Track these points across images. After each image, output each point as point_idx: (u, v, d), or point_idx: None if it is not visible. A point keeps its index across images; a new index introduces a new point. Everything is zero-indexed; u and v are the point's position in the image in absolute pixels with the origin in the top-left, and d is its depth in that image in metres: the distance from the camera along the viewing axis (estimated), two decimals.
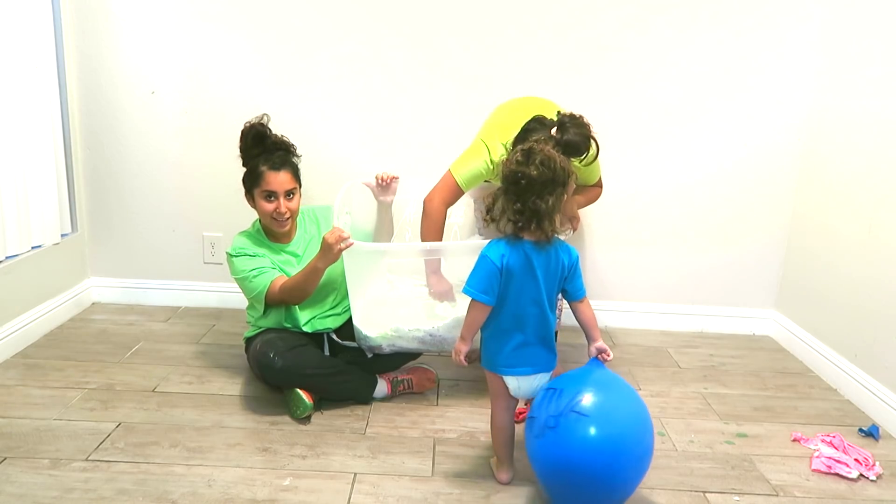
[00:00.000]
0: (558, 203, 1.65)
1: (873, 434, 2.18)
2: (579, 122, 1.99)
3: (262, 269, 2.19)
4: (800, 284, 2.87)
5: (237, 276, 2.22)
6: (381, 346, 2.21)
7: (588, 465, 1.55)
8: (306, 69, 2.83)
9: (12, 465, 1.82)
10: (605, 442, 1.55)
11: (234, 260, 2.23)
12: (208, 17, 2.79)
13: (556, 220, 1.66)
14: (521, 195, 1.64)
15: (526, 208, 1.63)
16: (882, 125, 2.37)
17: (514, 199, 1.65)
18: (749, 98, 2.84)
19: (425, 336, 2.19)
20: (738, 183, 2.92)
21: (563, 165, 1.65)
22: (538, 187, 1.62)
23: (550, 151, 1.65)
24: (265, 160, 2.21)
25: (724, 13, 2.75)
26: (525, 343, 1.76)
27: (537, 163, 1.62)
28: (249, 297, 2.23)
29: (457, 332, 2.22)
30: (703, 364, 2.71)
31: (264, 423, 2.10)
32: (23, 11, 2.49)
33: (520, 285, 1.70)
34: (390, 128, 2.88)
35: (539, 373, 1.79)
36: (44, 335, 2.67)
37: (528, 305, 1.72)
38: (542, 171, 1.61)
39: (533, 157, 1.63)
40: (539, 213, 1.63)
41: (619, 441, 1.57)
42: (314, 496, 1.76)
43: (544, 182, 1.62)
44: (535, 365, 1.78)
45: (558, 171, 1.63)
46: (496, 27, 2.77)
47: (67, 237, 2.86)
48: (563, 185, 1.65)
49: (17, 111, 2.48)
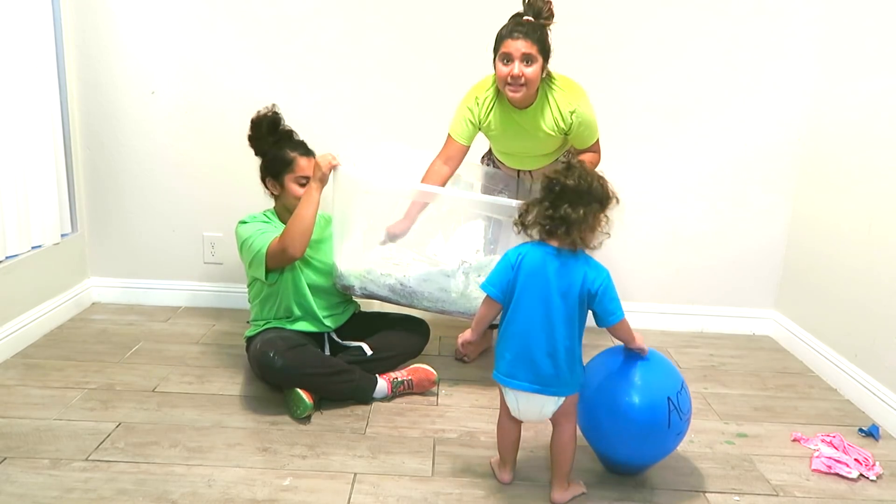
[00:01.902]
0: (591, 218, 1.64)
1: (873, 434, 2.18)
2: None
3: (265, 230, 2.22)
4: (800, 284, 2.87)
5: (241, 238, 2.23)
6: (353, 287, 2.27)
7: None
8: (306, 69, 2.83)
9: (12, 465, 1.82)
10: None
11: (243, 225, 2.25)
12: (208, 17, 2.79)
13: (586, 233, 1.65)
14: (554, 202, 1.64)
15: (557, 215, 1.63)
16: (882, 125, 2.37)
17: (546, 206, 1.65)
18: (749, 98, 2.84)
19: (395, 284, 2.24)
20: (738, 182, 2.92)
21: (602, 184, 1.66)
22: (572, 196, 1.62)
23: (592, 170, 1.68)
24: (293, 147, 2.25)
25: (723, 13, 2.76)
26: (527, 354, 1.68)
27: (576, 175, 1.64)
28: (251, 258, 2.20)
29: (427, 286, 2.26)
30: (703, 364, 2.71)
31: (264, 423, 2.10)
32: (23, 11, 2.49)
33: (529, 287, 1.68)
34: (391, 128, 2.88)
35: (541, 394, 1.69)
36: (44, 335, 2.67)
37: (535, 312, 1.67)
38: (578, 182, 1.63)
39: (573, 170, 1.65)
40: (568, 221, 1.62)
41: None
42: (314, 496, 1.76)
43: (579, 193, 1.63)
44: (536, 383, 1.68)
45: (595, 187, 1.64)
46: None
47: (67, 237, 2.86)
48: (600, 203, 1.65)
49: (17, 111, 2.48)
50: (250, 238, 2.20)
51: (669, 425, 1.75)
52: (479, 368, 2.57)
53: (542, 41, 2.14)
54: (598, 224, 1.66)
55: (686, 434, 1.84)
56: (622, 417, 1.74)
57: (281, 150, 2.25)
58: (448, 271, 2.25)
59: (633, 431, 1.75)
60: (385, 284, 2.25)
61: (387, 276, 2.25)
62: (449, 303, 2.28)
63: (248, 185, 2.43)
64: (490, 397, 2.33)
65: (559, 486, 1.77)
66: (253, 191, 2.36)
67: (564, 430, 1.75)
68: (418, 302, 2.29)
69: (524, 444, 1.96)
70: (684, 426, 1.81)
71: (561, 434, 1.75)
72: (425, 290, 2.26)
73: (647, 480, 1.89)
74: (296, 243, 2.14)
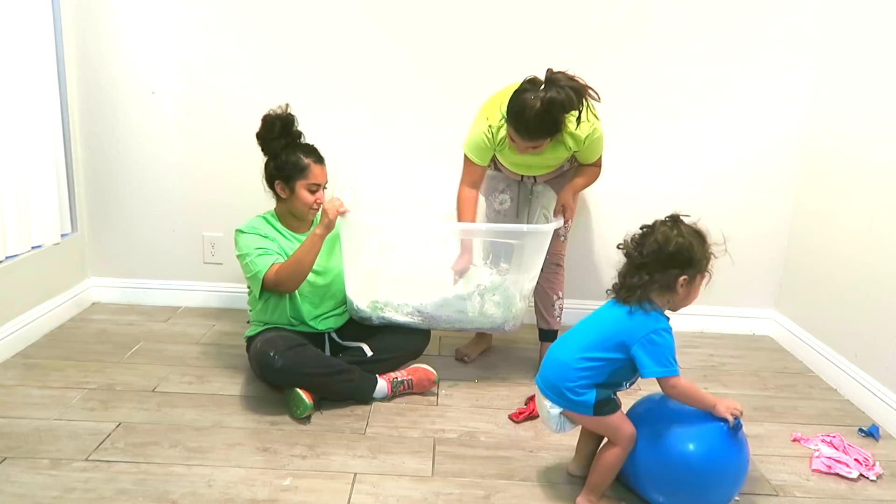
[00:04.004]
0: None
1: (873, 434, 2.18)
2: (569, 77, 2.04)
3: (266, 249, 2.20)
4: (800, 284, 2.87)
5: (241, 251, 2.23)
6: (370, 318, 2.29)
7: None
8: (306, 69, 2.83)
9: (12, 465, 1.82)
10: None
11: (242, 236, 2.24)
12: (208, 18, 2.79)
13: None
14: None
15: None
16: (882, 126, 2.37)
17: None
18: (749, 98, 2.84)
19: (414, 312, 2.27)
20: (738, 183, 2.92)
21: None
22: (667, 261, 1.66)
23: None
24: (306, 152, 2.24)
25: (723, 12, 2.76)
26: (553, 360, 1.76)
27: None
28: (248, 276, 2.23)
29: (445, 310, 2.30)
30: (703, 364, 2.71)
31: (264, 423, 2.10)
32: (23, 11, 2.49)
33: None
34: (391, 128, 2.88)
35: (549, 400, 1.75)
36: (44, 335, 2.67)
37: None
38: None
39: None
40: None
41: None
42: (314, 496, 1.76)
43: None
44: (544, 389, 1.76)
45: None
46: (496, 24, 2.78)
47: (67, 237, 2.86)
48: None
49: (17, 111, 2.48)
50: (249, 256, 2.19)
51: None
52: (479, 368, 2.57)
53: (553, 132, 2.10)
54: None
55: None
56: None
57: (294, 155, 2.23)
58: (463, 294, 2.31)
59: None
60: (404, 312, 2.30)
61: (404, 306, 2.30)
62: (467, 322, 2.35)
63: (248, 185, 2.43)
64: (490, 397, 2.33)
65: (585, 494, 1.76)
66: (253, 191, 2.36)
67: (607, 449, 1.75)
68: (437, 325, 2.35)
69: (524, 443, 1.96)
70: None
71: (604, 450, 1.76)
72: (443, 315, 2.32)
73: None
74: (291, 284, 2.19)
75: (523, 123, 2.05)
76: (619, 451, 1.71)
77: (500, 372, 2.53)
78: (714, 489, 1.70)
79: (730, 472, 1.70)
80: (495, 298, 2.31)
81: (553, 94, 2.00)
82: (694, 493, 1.69)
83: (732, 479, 1.71)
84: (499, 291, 2.31)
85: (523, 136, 2.08)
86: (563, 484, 1.85)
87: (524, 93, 2.05)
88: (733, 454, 1.69)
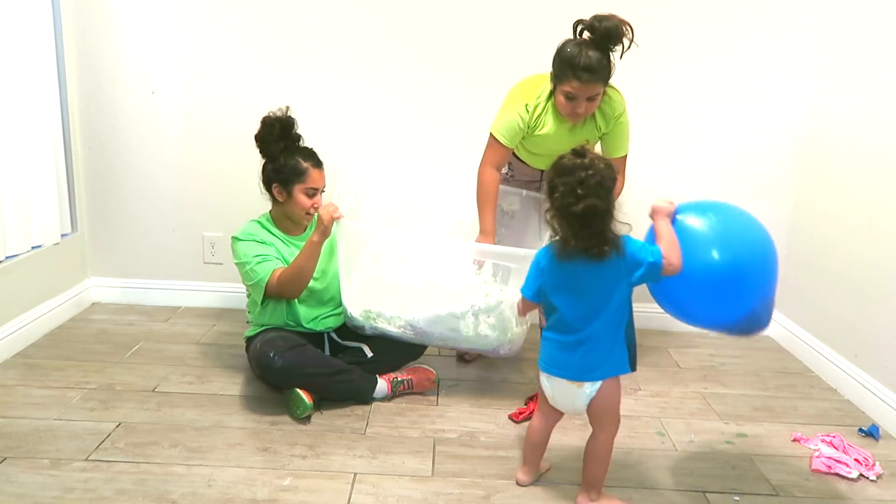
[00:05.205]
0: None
1: (873, 434, 2.18)
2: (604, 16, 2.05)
3: (265, 256, 2.20)
4: (800, 284, 2.87)
5: (239, 260, 2.22)
6: (364, 328, 2.25)
7: None
8: (307, 69, 2.83)
9: (12, 465, 1.82)
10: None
11: (239, 243, 2.23)
12: (208, 18, 2.79)
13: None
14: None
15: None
16: (882, 126, 2.37)
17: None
18: (749, 98, 2.84)
19: (406, 325, 2.22)
20: (737, 182, 2.91)
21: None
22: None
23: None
24: (304, 156, 2.23)
25: (723, 12, 2.76)
26: (559, 341, 1.74)
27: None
28: (249, 285, 2.22)
29: (438, 327, 2.22)
30: (703, 364, 2.71)
31: (264, 423, 2.10)
32: (23, 11, 2.49)
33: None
34: (391, 129, 2.88)
35: (576, 380, 1.69)
36: (44, 335, 2.67)
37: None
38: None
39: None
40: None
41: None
42: (314, 496, 1.76)
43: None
44: (565, 369, 1.72)
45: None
46: (504, 24, 2.78)
47: (67, 237, 2.86)
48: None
49: (17, 111, 2.48)
50: (249, 264, 2.19)
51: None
52: (479, 368, 2.57)
53: (608, 75, 2.10)
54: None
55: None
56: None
57: (293, 159, 2.22)
58: (458, 313, 2.22)
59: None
60: (396, 325, 2.23)
61: (396, 318, 2.22)
62: (461, 341, 2.25)
63: (248, 186, 2.43)
64: (490, 397, 2.33)
65: (585, 493, 1.75)
66: (253, 191, 2.35)
67: (595, 439, 1.74)
68: (429, 341, 2.28)
69: (521, 443, 1.96)
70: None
71: (592, 442, 1.75)
72: (435, 331, 2.23)
73: (647, 480, 1.89)
74: (293, 290, 2.20)
75: (583, 59, 2.03)
76: (608, 438, 1.72)
77: (500, 372, 2.54)
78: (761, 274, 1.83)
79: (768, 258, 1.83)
80: (490, 321, 2.22)
81: (606, 24, 2.03)
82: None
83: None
84: (493, 314, 2.21)
85: (581, 78, 2.04)
86: (564, 484, 1.85)
87: (570, 42, 2.07)
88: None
